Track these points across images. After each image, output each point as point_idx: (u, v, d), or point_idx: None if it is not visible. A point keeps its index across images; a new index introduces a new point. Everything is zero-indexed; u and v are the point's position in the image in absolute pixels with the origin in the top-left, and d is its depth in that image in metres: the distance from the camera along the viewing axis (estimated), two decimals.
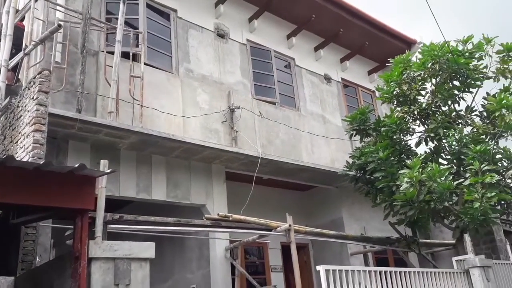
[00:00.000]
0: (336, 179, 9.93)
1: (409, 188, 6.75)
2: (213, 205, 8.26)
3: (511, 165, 7.13)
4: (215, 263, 7.92)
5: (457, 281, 6.43)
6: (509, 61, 7.95)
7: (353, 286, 5.15)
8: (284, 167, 9.17)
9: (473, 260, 6.64)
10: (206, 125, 8.44)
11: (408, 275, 5.81)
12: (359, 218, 10.59)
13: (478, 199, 6.51)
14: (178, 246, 8.79)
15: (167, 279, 9.03)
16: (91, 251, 3.62)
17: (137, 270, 3.76)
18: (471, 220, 6.72)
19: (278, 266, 10.28)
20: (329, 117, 11.10)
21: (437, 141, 7.94)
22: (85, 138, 6.94)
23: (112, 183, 6.97)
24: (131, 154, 7.50)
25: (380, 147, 7.87)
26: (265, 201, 9.65)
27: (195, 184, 8.18)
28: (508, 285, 6.95)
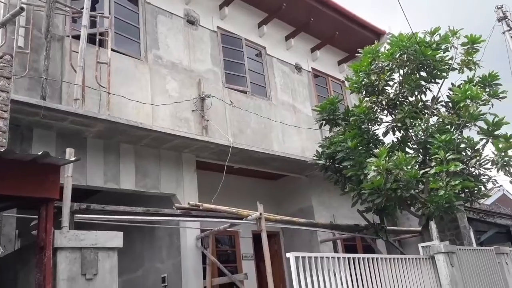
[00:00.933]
0: (306, 168, 10.03)
1: (376, 176, 6.89)
2: (183, 194, 8.19)
3: (475, 154, 7.38)
4: (186, 252, 7.88)
5: (422, 266, 6.62)
6: (473, 53, 8.18)
7: (322, 272, 5.23)
8: (255, 156, 9.17)
9: (438, 246, 6.85)
10: (176, 113, 8.32)
11: (376, 261, 5.94)
12: (328, 206, 10.74)
13: (443, 187, 6.71)
14: (148, 235, 8.70)
15: (137, 268, 8.93)
16: (56, 241, 3.52)
17: (104, 260, 3.69)
18: (436, 207, 6.93)
19: (249, 254, 10.33)
20: (300, 106, 11.15)
21: (404, 131, 8.12)
22: (50, 126, 6.72)
23: (78, 172, 6.80)
24: (98, 142, 7.33)
25: (348, 136, 7.99)
26: (236, 190, 9.65)
27: (165, 173, 8.08)
28: (470, 269, 7.20)
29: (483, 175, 7.64)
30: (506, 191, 17.58)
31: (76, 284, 3.52)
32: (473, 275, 7.21)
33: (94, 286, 3.57)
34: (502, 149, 7.04)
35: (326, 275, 5.25)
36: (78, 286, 3.52)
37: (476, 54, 8.20)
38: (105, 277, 3.65)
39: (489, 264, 7.79)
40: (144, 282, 8.66)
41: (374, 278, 5.82)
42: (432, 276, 6.67)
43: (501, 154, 7.07)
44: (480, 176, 7.61)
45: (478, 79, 8.15)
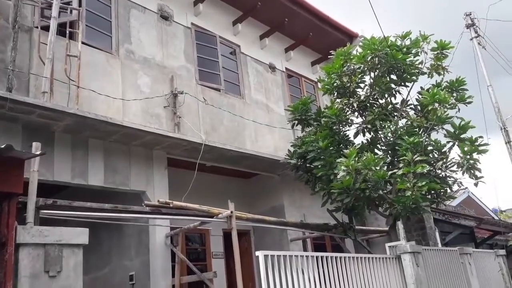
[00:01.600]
0: (278, 167, 10.07)
1: (346, 176, 6.98)
2: (153, 192, 8.08)
3: (441, 157, 7.57)
4: (155, 250, 7.78)
5: (389, 266, 6.75)
6: (442, 58, 8.40)
7: (290, 271, 5.26)
8: (228, 155, 9.14)
9: (404, 246, 6.99)
10: (147, 109, 8.21)
11: (344, 260, 6.02)
12: (299, 206, 10.82)
13: (410, 188, 6.85)
14: (116, 233, 8.55)
15: (104, 266, 8.77)
16: (19, 236, 3.42)
17: (69, 257, 3.61)
18: (403, 208, 7.07)
19: (219, 253, 10.29)
20: (273, 106, 11.20)
21: (373, 132, 8.26)
22: (16, 119, 6.52)
23: (45, 167, 6.62)
24: (66, 137, 7.15)
25: (320, 137, 8.07)
26: (207, 188, 9.60)
27: (135, 170, 7.95)
28: (435, 269, 7.39)
29: (449, 177, 7.84)
30: (471, 193, 18.12)
31: (39, 281, 3.43)
32: (438, 275, 7.40)
33: (57, 283, 3.49)
34: (467, 152, 7.25)
35: (294, 273, 5.29)
36: (41, 284, 3.43)
37: (445, 59, 8.42)
38: (70, 275, 3.57)
39: (453, 264, 8.03)
40: (111, 280, 8.51)
41: (342, 276, 5.90)
42: (398, 275, 6.81)
43: (467, 157, 7.27)
44: (446, 178, 7.81)
45: (446, 84, 8.36)
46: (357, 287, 6.07)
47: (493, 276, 9.43)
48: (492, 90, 14.30)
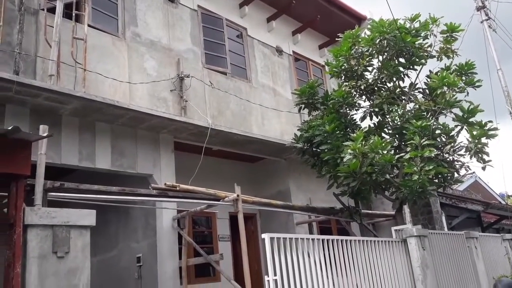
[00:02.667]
0: (285, 151, 10.06)
1: (352, 160, 6.95)
2: (160, 175, 8.13)
3: (449, 141, 7.50)
4: (162, 233, 7.86)
5: (395, 249, 6.76)
6: (452, 41, 8.27)
7: (296, 253, 5.28)
8: (234, 139, 9.14)
9: (410, 230, 6.99)
10: (153, 93, 8.20)
11: (349, 243, 6.04)
12: (305, 190, 10.83)
13: (417, 172, 6.82)
14: (123, 215, 8.64)
15: (112, 248, 8.88)
16: (27, 218, 3.45)
17: (76, 238, 3.64)
18: (410, 192, 7.05)
19: (226, 236, 10.38)
20: (280, 90, 11.13)
21: (381, 116, 8.20)
22: (24, 102, 6.54)
23: (53, 150, 6.67)
24: (73, 120, 7.18)
25: (326, 120, 8.03)
26: (214, 172, 9.63)
27: (142, 153, 7.99)
28: (441, 253, 7.40)
29: (456, 161, 7.79)
30: (478, 178, 18.03)
31: (47, 261, 3.47)
32: (444, 258, 7.41)
33: (65, 264, 3.53)
34: (476, 136, 7.17)
35: (300, 256, 5.31)
36: (49, 264, 3.48)
37: (454, 42, 8.29)
38: (77, 255, 3.61)
39: (459, 248, 8.02)
40: (118, 262, 8.63)
41: (347, 259, 5.92)
42: (404, 259, 6.83)
43: (475, 141, 7.21)
44: (454, 162, 7.77)
45: (455, 68, 8.25)
46: (362, 270, 6.09)
47: (499, 259, 9.43)
48: (502, 74, 14.09)
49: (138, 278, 8.01)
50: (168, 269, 7.67)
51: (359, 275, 6.03)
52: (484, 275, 8.43)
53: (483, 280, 8.31)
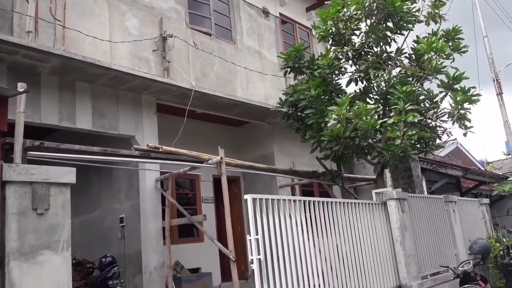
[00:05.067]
0: (269, 116, 10.04)
1: (336, 125, 6.97)
2: (143, 137, 8.06)
3: (433, 106, 7.56)
4: (145, 194, 7.86)
5: (375, 211, 6.89)
6: (440, 6, 8.18)
7: (278, 214, 5.34)
8: (218, 102, 9.06)
9: (390, 193, 7.12)
10: (135, 53, 8.00)
11: (330, 205, 6.12)
12: (289, 154, 10.89)
13: (399, 136, 6.88)
14: (106, 176, 8.59)
15: (95, 209, 8.89)
16: (5, 174, 3.39)
17: (56, 195, 3.60)
18: (392, 156, 7.14)
19: (209, 198, 10.46)
20: (266, 53, 10.97)
21: (366, 81, 8.17)
22: (1, 59, 6.33)
23: (32, 109, 6.53)
24: (53, 79, 6.99)
25: (312, 85, 7.98)
26: (198, 135, 9.58)
27: (124, 115, 7.87)
28: (420, 215, 7.58)
29: (439, 127, 7.89)
30: (459, 145, 18.31)
31: (27, 218, 3.44)
32: (422, 221, 7.60)
33: (46, 221, 3.50)
34: (459, 102, 7.22)
35: (282, 217, 5.37)
36: (29, 221, 3.45)
37: (442, 7, 8.21)
38: (58, 212, 3.58)
39: (438, 211, 8.23)
40: (101, 222, 8.66)
41: (328, 221, 6.02)
42: (384, 221, 6.98)
43: (458, 106, 7.26)
44: (436, 128, 7.86)
45: (442, 33, 8.20)
46: (343, 231, 6.21)
47: (476, 223, 9.73)
48: (487, 41, 14.11)
49: (121, 238, 8.07)
50: (151, 229, 7.73)
51: (339, 236, 6.15)
52: (461, 238, 8.70)
53: (459, 243, 8.59)
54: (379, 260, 6.62)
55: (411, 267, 6.85)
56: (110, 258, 7.52)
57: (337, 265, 5.93)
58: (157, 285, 7.56)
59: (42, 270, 3.43)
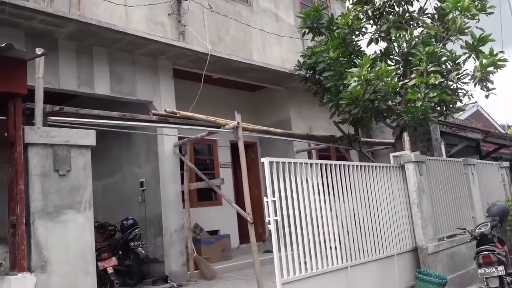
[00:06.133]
0: (286, 80, 9.94)
1: (356, 87, 6.85)
2: (160, 102, 8.10)
3: (455, 67, 7.35)
4: (164, 159, 7.97)
5: (392, 174, 6.85)
6: None
7: (295, 177, 5.35)
8: (234, 66, 8.99)
9: (408, 156, 7.05)
10: (151, 17, 7.93)
11: (347, 168, 6.10)
12: (306, 118, 10.84)
13: (420, 98, 6.76)
14: (125, 141, 8.72)
15: (115, 173, 9.07)
16: (27, 136, 3.46)
17: (77, 157, 3.68)
18: (412, 118, 7.04)
19: (227, 163, 10.56)
20: (282, 14, 10.74)
21: (387, 42, 7.97)
22: (18, 25, 6.36)
23: (51, 74, 6.60)
24: (70, 44, 7.01)
25: (331, 46, 7.82)
26: (214, 101, 9.58)
27: (141, 80, 7.89)
28: (438, 178, 7.50)
29: (460, 89, 7.70)
30: (480, 108, 17.91)
31: (49, 179, 3.54)
32: (440, 184, 7.54)
33: (68, 181, 3.60)
34: (484, 65, 7.00)
35: (298, 180, 5.39)
36: (52, 181, 3.54)
37: None
38: (79, 174, 3.67)
39: (456, 174, 8.14)
40: (122, 186, 8.85)
41: (345, 185, 6.02)
42: (401, 184, 6.95)
43: (483, 70, 7.04)
44: (458, 90, 7.68)
45: None
46: (360, 195, 6.21)
47: (494, 186, 9.61)
48: None
49: (142, 202, 8.26)
50: (171, 193, 7.87)
51: (356, 200, 6.16)
52: (479, 201, 8.64)
53: (477, 205, 8.53)
54: (395, 223, 6.63)
55: (427, 229, 6.86)
56: (131, 221, 7.72)
57: (353, 228, 5.97)
58: (177, 246, 7.77)
59: (66, 229, 3.55)
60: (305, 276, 5.07)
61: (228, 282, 7.58)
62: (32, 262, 3.37)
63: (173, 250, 7.71)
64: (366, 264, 5.94)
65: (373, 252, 6.12)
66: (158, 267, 7.81)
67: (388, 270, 6.32)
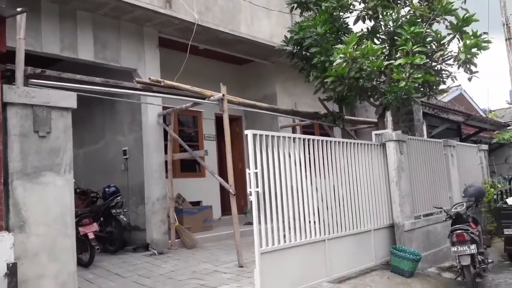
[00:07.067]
0: (273, 54, 9.89)
1: (342, 64, 6.86)
2: (145, 70, 8.01)
3: (440, 48, 7.40)
4: (147, 128, 7.95)
5: (373, 152, 6.96)
6: None
7: (278, 151, 5.40)
8: (221, 37, 8.90)
9: (390, 134, 7.16)
10: None
11: (330, 144, 6.17)
12: (291, 94, 10.85)
13: (405, 78, 6.80)
14: (109, 109, 8.64)
15: (98, 140, 9.03)
16: (5, 95, 3.41)
17: (58, 119, 3.64)
18: (395, 98, 7.10)
19: (211, 135, 10.57)
20: None
21: (374, 20, 7.95)
22: None
23: (33, 37, 6.47)
24: (53, 7, 6.84)
25: (318, 22, 7.77)
26: (200, 72, 9.51)
27: (126, 47, 7.78)
28: (418, 158, 7.65)
29: (444, 71, 7.77)
30: (463, 91, 18.10)
31: (29, 140, 3.50)
32: (420, 164, 7.69)
33: (47, 143, 3.57)
34: (468, 46, 7.05)
35: (281, 154, 5.44)
36: (31, 143, 3.51)
37: None
38: (59, 136, 3.64)
39: (436, 155, 8.30)
40: (105, 154, 8.82)
41: (327, 160, 6.09)
42: (381, 162, 7.07)
43: (466, 50, 7.10)
44: (442, 71, 7.75)
45: None
46: (341, 171, 6.30)
47: (472, 168, 9.84)
48: None
49: (124, 170, 8.26)
50: (154, 163, 7.88)
51: (337, 175, 6.25)
52: (457, 182, 8.85)
53: (455, 186, 8.74)
54: (374, 200, 6.78)
55: (405, 206, 7.03)
56: (113, 188, 7.73)
57: (332, 203, 6.07)
58: (159, 215, 7.83)
59: (45, 190, 3.54)
60: (284, 247, 5.18)
61: (208, 251, 7.69)
62: (10, 222, 3.37)
63: (154, 219, 7.77)
64: (343, 238, 6.08)
65: (351, 227, 6.26)
66: (139, 235, 7.88)
67: (365, 245, 6.48)
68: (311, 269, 5.46)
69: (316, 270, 5.54)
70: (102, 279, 6.04)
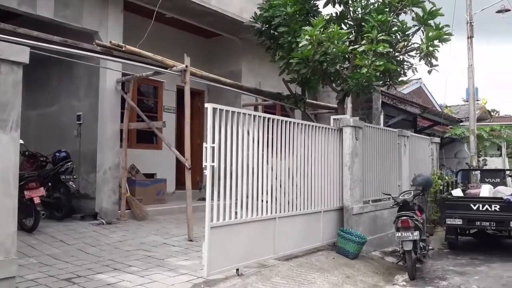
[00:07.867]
0: (242, 30, 9.79)
1: (307, 46, 6.89)
2: (107, 34, 7.73)
3: (404, 39, 7.56)
4: (104, 94, 7.72)
5: (330, 136, 7.07)
6: None
7: (237, 128, 5.38)
8: (190, 7, 8.70)
9: (347, 120, 7.29)
10: None
11: (289, 124, 6.21)
12: (256, 74, 10.82)
13: (367, 65, 6.91)
14: (66, 72, 8.31)
15: (52, 104, 8.69)
16: None
17: (7, 73, 3.44)
18: (356, 84, 7.22)
19: (171, 108, 10.40)
20: None
21: (344, 5, 8.00)
22: None
23: None
24: None
25: (289, 1, 7.74)
26: (165, 41, 9.29)
27: (88, 7, 7.47)
28: (372, 145, 7.84)
29: (406, 62, 7.96)
30: (422, 85, 18.67)
31: None
32: (374, 151, 7.89)
33: None
34: (430, 38, 7.22)
35: (240, 131, 5.42)
36: None
37: None
38: (8, 90, 3.44)
39: (390, 144, 8.53)
40: (58, 118, 8.51)
41: (285, 140, 6.13)
42: (337, 146, 7.19)
43: (428, 42, 7.27)
44: (403, 62, 7.94)
45: None
46: (297, 152, 6.37)
47: (423, 159, 10.23)
48: None
49: (77, 136, 8.02)
50: (108, 130, 7.70)
51: (292, 157, 6.31)
52: (407, 171, 9.17)
53: (404, 175, 9.06)
54: (326, 182, 6.91)
55: (355, 191, 7.22)
56: (64, 154, 7.49)
57: (286, 182, 6.15)
58: (110, 184, 7.68)
59: None
60: (234, 223, 5.20)
61: (158, 224, 7.65)
62: None
63: (105, 188, 7.63)
64: (293, 217, 6.18)
65: (302, 207, 6.37)
66: (88, 203, 7.72)
67: (314, 225, 6.62)
68: (259, 246, 5.54)
69: (265, 247, 5.63)
70: (45, 245, 5.90)
